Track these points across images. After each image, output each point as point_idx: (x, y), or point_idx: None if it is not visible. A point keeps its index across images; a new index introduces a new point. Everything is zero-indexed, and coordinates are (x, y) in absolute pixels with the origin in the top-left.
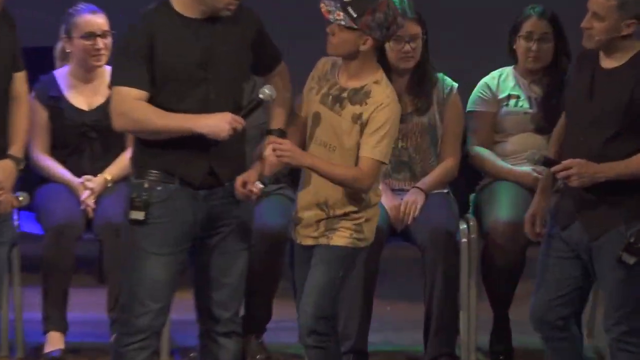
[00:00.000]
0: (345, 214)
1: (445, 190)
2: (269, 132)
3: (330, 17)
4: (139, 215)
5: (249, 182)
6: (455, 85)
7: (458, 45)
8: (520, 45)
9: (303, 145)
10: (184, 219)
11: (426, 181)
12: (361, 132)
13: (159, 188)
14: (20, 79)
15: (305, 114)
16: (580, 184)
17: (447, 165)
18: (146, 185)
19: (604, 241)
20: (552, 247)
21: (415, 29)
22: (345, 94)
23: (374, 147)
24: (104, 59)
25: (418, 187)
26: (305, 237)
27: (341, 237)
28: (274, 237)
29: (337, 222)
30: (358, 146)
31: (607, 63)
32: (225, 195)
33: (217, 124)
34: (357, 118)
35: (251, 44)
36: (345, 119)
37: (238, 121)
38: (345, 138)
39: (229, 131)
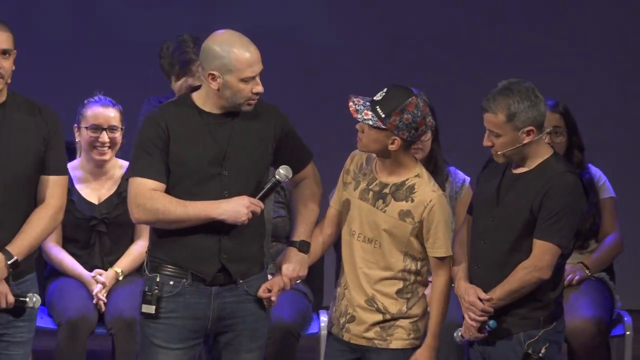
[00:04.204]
0: (401, 312)
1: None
2: (291, 243)
3: (358, 116)
4: (150, 309)
5: (273, 290)
6: (468, 179)
7: (471, 138)
8: None
9: (333, 238)
10: (195, 314)
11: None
12: (413, 229)
13: (171, 282)
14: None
15: (340, 207)
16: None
17: None
18: (158, 280)
19: (502, 346)
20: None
21: None
22: (387, 190)
23: (447, 244)
24: (109, 153)
25: None
26: (356, 336)
27: (400, 340)
28: (287, 331)
29: (394, 322)
30: (409, 241)
31: (516, 168)
32: (239, 292)
33: (236, 208)
34: (404, 215)
35: (273, 141)
36: (390, 215)
37: (256, 204)
38: (391, 235)
39: (248, 215)
